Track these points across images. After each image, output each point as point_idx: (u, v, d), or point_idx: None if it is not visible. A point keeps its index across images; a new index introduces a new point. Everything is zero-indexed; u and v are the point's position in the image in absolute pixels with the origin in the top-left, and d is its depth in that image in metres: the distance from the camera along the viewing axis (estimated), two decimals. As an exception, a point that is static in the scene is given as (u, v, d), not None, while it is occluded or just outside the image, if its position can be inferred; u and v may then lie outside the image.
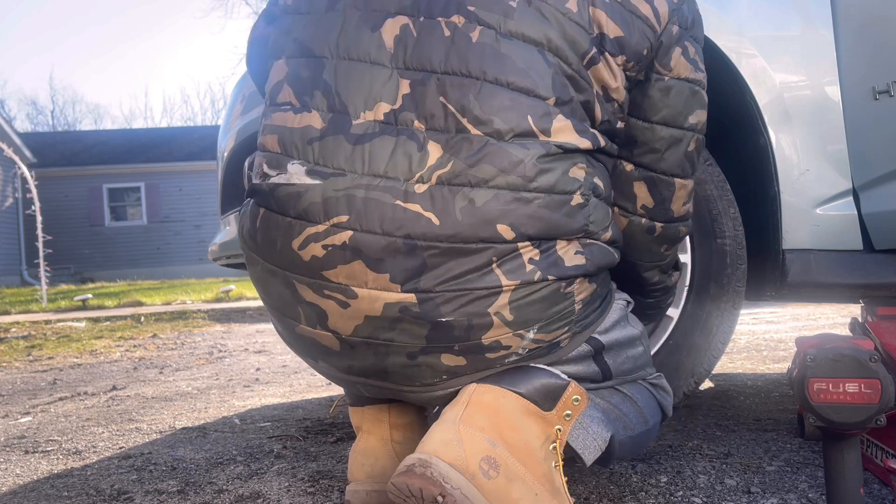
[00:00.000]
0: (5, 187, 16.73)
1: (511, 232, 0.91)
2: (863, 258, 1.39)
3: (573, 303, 0.98)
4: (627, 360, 1.11)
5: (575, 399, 1.00)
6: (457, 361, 0.96)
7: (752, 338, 3.71)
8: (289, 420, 2.10)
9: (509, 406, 0.96)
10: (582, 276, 0.98)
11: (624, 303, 1.13)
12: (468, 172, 0.91)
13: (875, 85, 1.35)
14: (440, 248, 0.90)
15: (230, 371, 3.38)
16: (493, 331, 0.94)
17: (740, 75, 1.38)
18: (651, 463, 1.45)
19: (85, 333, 5.77)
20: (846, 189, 1.38)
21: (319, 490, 1.38)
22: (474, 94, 0.93)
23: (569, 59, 0.96)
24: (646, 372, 1.16)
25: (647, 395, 1.15)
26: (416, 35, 0.96)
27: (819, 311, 4.93)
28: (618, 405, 1.10)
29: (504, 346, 0.96)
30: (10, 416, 2.43)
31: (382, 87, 0.96)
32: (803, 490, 1.25)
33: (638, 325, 1.16)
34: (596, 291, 1.02)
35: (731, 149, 1.59)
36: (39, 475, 1.62)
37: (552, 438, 0.99)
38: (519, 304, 0.93)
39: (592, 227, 0.99)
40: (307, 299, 0.97)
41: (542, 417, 0.98)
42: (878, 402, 0.93)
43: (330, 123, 0.96)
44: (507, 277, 0.92)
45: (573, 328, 1.00)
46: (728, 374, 2.61)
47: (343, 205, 0.93)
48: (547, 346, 0.99)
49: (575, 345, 1.02)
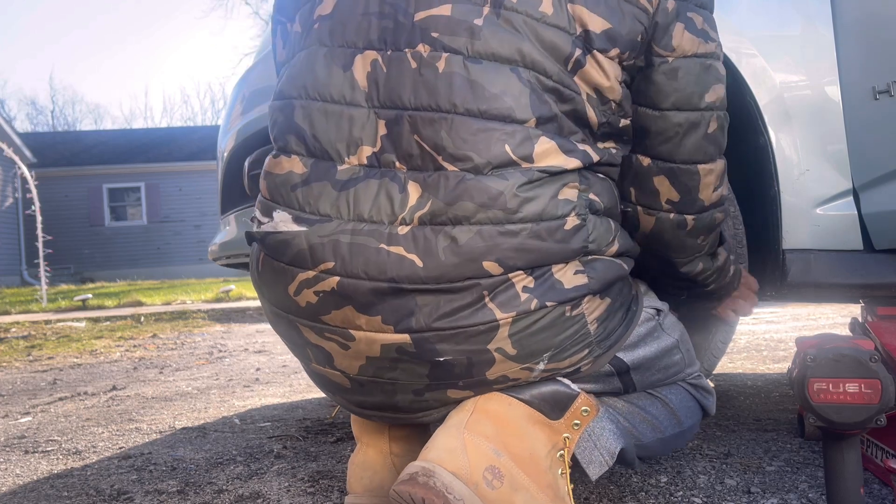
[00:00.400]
0: (5, 187, 16.73)
1: (498, 267, 0.88)
2: (863, 258, 1.39)
3: (585, 325, 0.92)
4: (658, 372, 1.06)
5: (584, 410, 0.98)
6: (464, 395, 0.95)
7: (752, 338, 3.71)
8: (289, 420, 2.10)
9: (515, 414, 0.94)
10: (589, 295, 0.92)
11: (653, 312, 1.06)
12: (448, 211, 0.88)
13: (875, 85, 1.35)
14: (429, 290, 0.88)
15: (230, 371, 3.38)
16: (497, 366, 0.91)
17: (740, 75, 1.38)
18: (651, 463, 1.45)
19: (85, 333, 5.77)
20: (846, 189, 1.38)
21: (319, 490, 1.38)
22: (446, 130, 0.89)
23: (548, 70, 0.90)
24: (684, 374, 1.12)
25: (684, 396, 1.12)
26: (386, 70, 0.92)
27: (819, 311, 4.92)
28: (645, 407, 1.07)
29: (512, 379, 0.93)
30: (10, 416, 2.43)
31: (362, 129, 0.93)
32: (803, 490, 1.25)
33: (675, 331, 1.09)
34: (611, 306, 0.96)
35: (731, 148, 1.58)
36: (39, 475, 1.62)
37: (559, 447, 0.97)
38: (520, 336, 0.89)
39: (593, 247, 0.93)
40: (311, 341, 0.98)
41: (548, 426, 0.96)
42: (878, 402, 0.93)
43: (312, 169, 0.95)
44: (502, 310, 0.88)
45: (594, 350, 0.95)
46: (728, 374, 2.61)
47: (329, 251, 0.91)
48: (564, 375, 0.96)
49: (597, 367, 0.97)
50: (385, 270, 0.89)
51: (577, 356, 0.94)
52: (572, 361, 0.94)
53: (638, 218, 1.07)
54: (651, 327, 1.05)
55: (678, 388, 1.11)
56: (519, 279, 0.88)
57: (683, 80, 0.97)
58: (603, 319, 0.95)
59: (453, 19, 0.90)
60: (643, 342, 1.03)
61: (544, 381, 0.96)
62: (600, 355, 0.96)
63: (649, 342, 1.04)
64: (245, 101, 1.80)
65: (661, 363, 1.06)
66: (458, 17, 0.90)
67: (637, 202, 1.05)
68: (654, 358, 1.04)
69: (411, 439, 1.17)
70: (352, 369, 0.96)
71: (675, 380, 1.11)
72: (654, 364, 1.05)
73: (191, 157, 18.84)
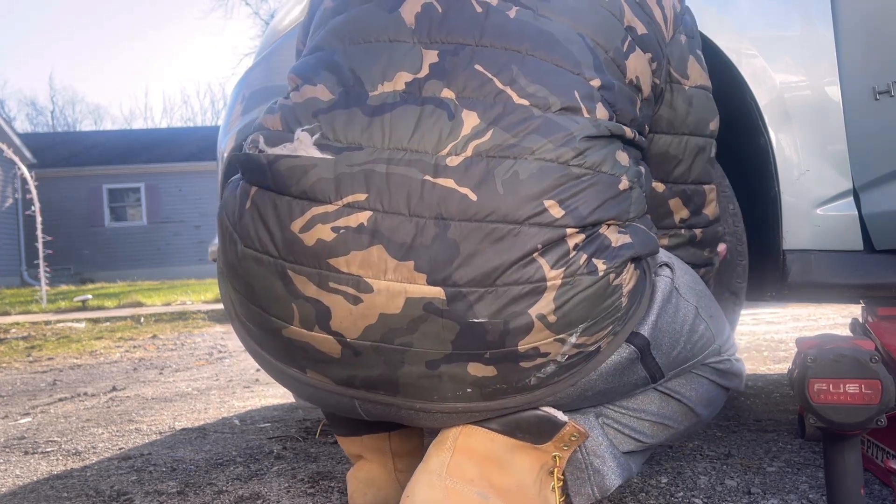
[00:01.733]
0: (5, 188, 16.73)
1: (559, 209, 0.80)
2: (863, 258, 1.39)
3: (621, 296, 0.85)
4: (684, 347, 0.97)
5: (573, 436, 0.93)
6: (486, 371, 0.83)
7: (752, 338, 3.70)
8: (289, 421, 2.10)
9: (498, 448, 0.89)
10: (630, 260, 0.86)
11: (669, 274, 0.97)
12: (511, 142, 0.81)
13: (875, 85, 1.34)
14: (477, 231, 0.78)
15: (230, 372, 3.38)
16: (532, 335, 0.81)
17: (740, 75, 1.38)
18: (651, 464, 1.45)
19: (85, 334, 5.77)
20: (846, 189, 1.38)
21: (319, 491, 1.38)
22: (517, 65, 0.85)
23: (606, 46, 0.91)
24: (710, 353, 1.02)
25: (705, 389, 1.04)
26: (442, 11, 0.88)
27: (819, 312, 4.92)
28: (657, 412, 1.02)
29: (542, 353, 0.83)
30: (10, 416, 2.42)
31: (403, 57, 0.86)
32: (804, 491, 1.24)
33: (692, 294, 0.99)
34: (641, 280, 0.90)
35: (731, 149, 1.58)
36: (39, 476, 1.62)
37: (549, 466, 0.93)
38: (565, 303, 0.81)
39: (631, 216, 0.89)
40: (306, 294, 0.82)
41: (535, 449, 0.92)
42: (878, 402, 0.93)
43: (340, 96, 0.86)
44: (553, 267, 0.79)
45: (615, 326, 0.87)
46: (728, 375, 2.61)
47: (360, 181, 0.80)
48: (587, 353, 0.87)
49: (615, 346, 0.89)
50: (431, 204, 0.79)
51: (604, 332, 0.86)
52: (598, 338, 0.85)
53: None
54: (667, 292, 0.94)
55: (698, 380, 1.03)
56: (572, 235, 0.81)
57: (697, 107, 1.06)
58: (632, 293, 0.88)
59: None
60: (662, 312, 0.93)
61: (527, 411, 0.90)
62: (619, 332, 0.88)
63: (668, 311, 0.94)
64: (245, 101, 1.80)
65: (683, 335, 0.96)
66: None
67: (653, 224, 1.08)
68: (675, 332, 0.95)
69: (416, 454, 1.13)
70: (353, 331, 0.82)
71: (700, 362, 1.02)
72: (676, 341, 0.95)
73: (191, 158, 18.84)
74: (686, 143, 1.07)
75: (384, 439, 1.10)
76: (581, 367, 0.88)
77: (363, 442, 1.09)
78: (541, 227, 0.79)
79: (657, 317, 0.92)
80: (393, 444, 1.11)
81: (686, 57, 1.04)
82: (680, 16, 1.04)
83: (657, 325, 0.92)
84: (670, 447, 1.58)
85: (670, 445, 1.56)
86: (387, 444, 1.10)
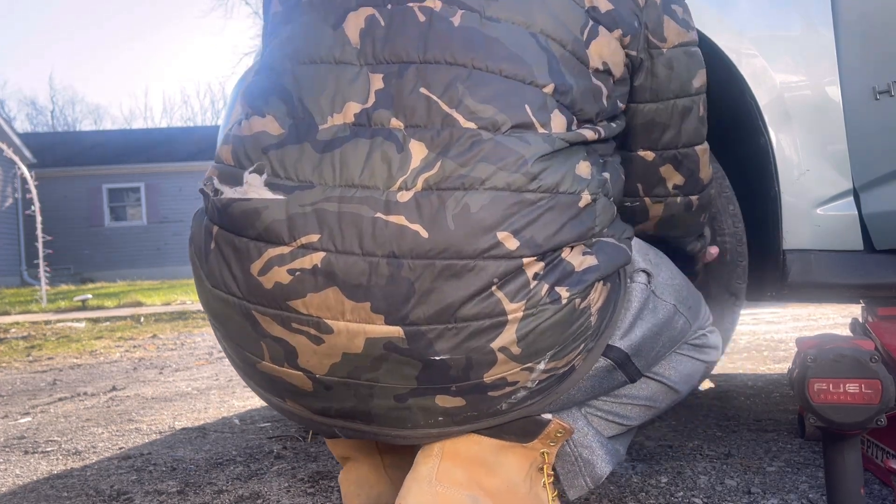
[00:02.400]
0: (5, 187, 16.73)
1: (514, 240, 0.78)
2: (863, 258, 1.39)
3: (589, 316, 0.84)
4: (664, 346, 0.98)
5: (558, 433, 0.92)
6: (454, 403, 0.83)
7: (752, 338, 3.70)
8: (288, 420, 2.10)
9: (484, 450, 0.89)
10: (597, 281, 0.84)
11: (643, 280, 0.95)
12: (460, 173, 0.78)
13: (875, 85, 1.34)
14: (431, 268, 0.77)
15: (230, 371, 3.37)
16: (497, 367, 0.80)
17: (740, 75, 1.38)
18: (651, 463, 1.45)
19: (85, 334, 5.77)
20: (847, 189, 1.38)
21: (319, 490, 1.38)
22: (462, 82, 0.80)
23: (563, 39, 0.86)
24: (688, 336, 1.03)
25: (683, 366, 1.04)
26: (385, 24, 0.84)
27: (819, 312, 4.92)
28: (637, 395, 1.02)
29: (510, 382, 0.82)
30: (10, 416, 2.42)
31: (350, 85, 0.83)
32: (804, 490, 1.25)
33: (669, 293, 0.98)
34: (611, 293, 0.88)
35: (731, 149, 1.58)
36: (39, 475, 1.62)
37: (538, 463, 0.93)
38: (528, 334, 0.79)
39: (597, 230, 0.87)
40: (272, 333, 0.82)
41: (522, 448, 0.91)
42: (878, 402, 0.93)
43: (290, 130, 0.83)
44: (512, 300, 0.78)
45: (588, 344, 0.86)
46: (728, 375, 2.61)
47: (312, 222, 0.79)
48: (560, 375, 0.85)
49: (591, 363, 0.88)
50: (383, 243, 0.77)
51: (575, 353, 0.85)
52: (570, 359, 0.84)
53: (647, 208, 1.08)
54: (643, 299, 0.93)
55: (677, 358, 1.03)
56: (530, 264, 0.79)
57: (678, 69, 1.00)
58: (602, 309, 0.86)
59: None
60: (639, 319, 0.92)
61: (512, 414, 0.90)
62: (592, 348, 0.87)
63: (645, 317, 0.93)
64: (245, 101, 1.80)
65: (663, 337, 0.96)
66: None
67: (645, 195, 1.07)
68: (654, 335, 0.94)
69: (403, 450, 1.11)
70: (320, 368, 0.82)
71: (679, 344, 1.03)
72: (655, 342, 0.95)
73: (191, 157, 18.83)
74: (672, 108, 1.01)
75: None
76: (554, 388, 0.87)
77: (350, 443, 1.09)
78: (496, 260, 0.77)
79: (634, 327, 0.92)
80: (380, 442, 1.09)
81: (661, 19, 0.98)
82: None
83: (635, 334, 0.91)
84: (670, 446, 1.58)
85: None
86: (374, 442, 1.08)
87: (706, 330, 1.08)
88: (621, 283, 0.91)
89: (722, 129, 1.60)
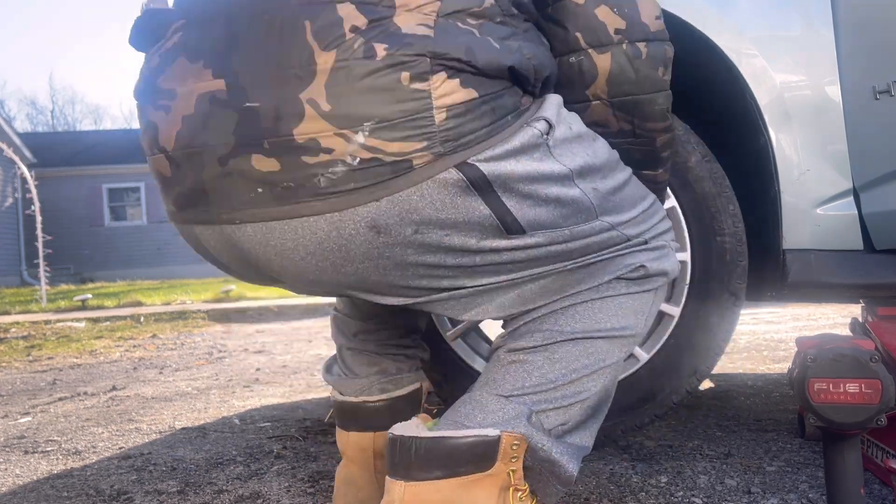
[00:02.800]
0: (5, 187, 16.74)
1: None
2: (863, 258, 1.39)
3: (429, 108, 0.77)
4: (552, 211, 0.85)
5: (513, 446, 0.86)
6: (270, 166, 0.79)
7: (752, 338, 3.71)
8: (289, 420, 2.10)
9: (447, 493, 0.85)
10: (442, 70, 0.77)
11: (541, 128, 0.85)
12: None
13: (875, 85, 1.35)
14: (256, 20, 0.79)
15: (230, 371, 3.38)
16: (307, 124, 0.76)
17: (740, 75, 1.38)
18: (651, 463, 1.45)
19: (85, 333, 5.77)
20: (846, 189, 1.38)
21: (319, 490, 1.38)
22: None
23: None
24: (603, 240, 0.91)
25: (627, 306, 0.93)
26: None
27: (819, 312, 4.92)
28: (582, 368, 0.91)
29: (324, 148, 0.77)
30: (10, 416, 2.43)
31: None
32: (804, 490, 1.25)
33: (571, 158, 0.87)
34: (475, 102, 0.79)
35: (731, 148, 1.59)
36: (39, 475, 1.62)
37: (506, 484, 0.89)
38: (338, 89, 0.75)
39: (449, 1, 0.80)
40: (148, 118, 0.88)
41: (486, 476, 0.86)
42: (878, 402, 0.93)
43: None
44: (325, 49, 0.75)
45: (433, 144, 0.78)
46: (728, 375, 2.61)
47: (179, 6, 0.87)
48: (391, 164, 0.78)
49: (437, 169, 0.79)
50: (221, 5, 0.82)
51: (411, 144, 0.77)
52: (403, 148, 0.77)
53: (594, 62, 0.97)
54: (530, 142, 0.84)
55: (614, 302, 0.93)
56: (349, 15, 0.77)
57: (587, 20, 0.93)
58: (458, 114, 0.78)
59: None
60: (515, 156, 0.83)
61: (456, 443, 0.85)
62: (442, 154, 0.78)
63: (523, 160, 0.83)
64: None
65: (546, 192, 0.84)
66: None
67: (588, 45, 0.96)
68: (530, 179, 0.83)
69: None
70: (169, 142, 0.84)
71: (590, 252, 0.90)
72: (533, 189, 0.84)
73: (191, 158, 18.82)
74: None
75: (369, 438, 1.10)
76: (387, 182, 0.79)
77: (349, 438, 1.09)
78: (309, 6, 0.77)
79: (504, 158, 0.82)
80: (377, 444, 1.09)
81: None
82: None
83: (503, 166, 0.82)
84: (670, 446, 1.58)
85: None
86: (370, 443, 1.09)
87: (648, 261, 0.94)
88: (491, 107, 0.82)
89: (722, 129, 1.61)
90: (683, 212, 1.47)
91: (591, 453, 1.54)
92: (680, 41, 1.47)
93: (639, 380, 1.48)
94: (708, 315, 1.47)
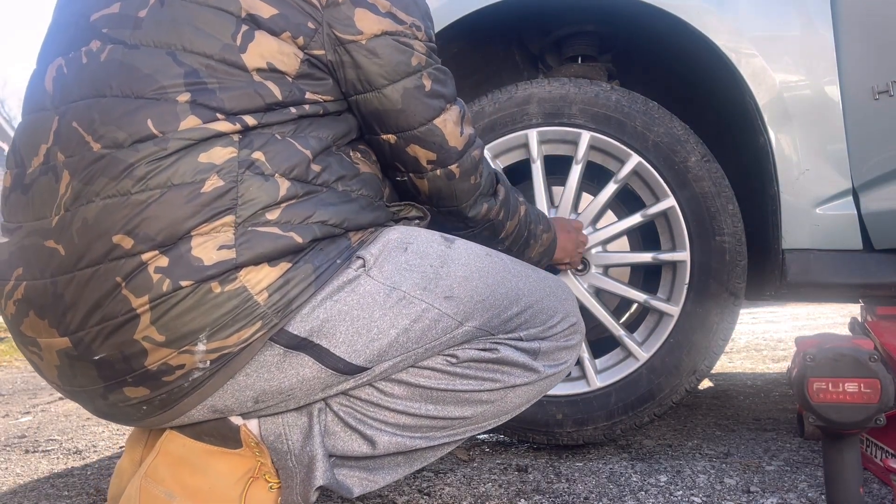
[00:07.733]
0: (5, 187, 16.74)
1: (129, 239, 0.85)
2: (862, 258, 1.40)
3: (248, 297, 0.86)
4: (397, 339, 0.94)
5: (252, 441, 0.96)
6: (141, 392, 0.90)
7: (751, 337, 3.71)
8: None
9: (192, 452, 0.96)
10: (250, 265, 0.87)
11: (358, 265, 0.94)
12: (84, 191, 0.87)
13: (875, 85, 1.35)
14: (73, 280, 0.87)
15: (230, 370, 3.37)
16: (152, 356, 0.86)
17: (740, 75, 1.39)
18: (650, 462, 1.45)
19: (85, 333, 5.77)
20: (846, 189, 1.39)
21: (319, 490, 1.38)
22: (98, 112, 0.90)
23: (208, 50, 0.91)
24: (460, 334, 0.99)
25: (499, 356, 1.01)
26: (67, 71, 0.96)
27: (819, 311, 4.93)
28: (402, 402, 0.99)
29: (176, 366, 0.87)
30: (11, 415, 2.43)
31: (43, 128, 0.94)
32: (803, 489, 1.25)
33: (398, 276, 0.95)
34: (289, 270, 0.89)
35: (730, 148, 1.59)
36: (40, 474, 1.62)
37: (254, 473, 0.97)
38: (164, 321, 0.85)
39: (244, 210, 0.88)
40: (29, 357, 0.96)
41: (234, 455, 0.96)
42: (877, 401, 0.93)
43: (14, 179, 0.96)
44: (137, 296, 0.84)
45: (270, 320, 0.88)
46: (728, 374, 2.61)
47: (17, 257, 0.92)
48: (238, 351, 0.88)
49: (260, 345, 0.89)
50: (45, 267, 0.89)
51: (247, 331, 0.87)
52: (241, 337, 0.87)
53: (415, 185, 1.11)
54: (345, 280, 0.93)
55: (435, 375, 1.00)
56: (152, 259, 0.85)
57: (385, 55, 1.00)
58: (279, 287, 0.88)
59: (121, 14, 0.95)
60: (331, 297, 0.92)
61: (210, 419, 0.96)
62: (275, 325, 0.88)
63: (337, 296, 0.92)
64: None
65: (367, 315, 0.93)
66: (124, 12, 0.95)
67: (407, 171, 1.09)
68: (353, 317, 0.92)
69: None
70: (55, 380, 0.95)
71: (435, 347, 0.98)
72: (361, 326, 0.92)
73: (190, 157, 18.82)
74: (388, 94, 1.01)
75: (144, 431, 1.10)
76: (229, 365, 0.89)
77: (132, 431, 1.12)
78: (118, 261, 0.85)
79: (321, 307, 0.91)
80: (151, 437, 1.10)
81: (351, 14, 0.98)
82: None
83: (316, 313, 0.90)
84: (669, 446, 1.58)
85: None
86: (144, 436, 1.10)
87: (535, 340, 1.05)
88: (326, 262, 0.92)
89: (722, 129, 1.61)
90: (683, 211, 1.47)
91: (591, 453, 1.54)
92: (679, 41, 1.48)
93: (638, 379, 1.49)
94: (707, 314, 1.47)
